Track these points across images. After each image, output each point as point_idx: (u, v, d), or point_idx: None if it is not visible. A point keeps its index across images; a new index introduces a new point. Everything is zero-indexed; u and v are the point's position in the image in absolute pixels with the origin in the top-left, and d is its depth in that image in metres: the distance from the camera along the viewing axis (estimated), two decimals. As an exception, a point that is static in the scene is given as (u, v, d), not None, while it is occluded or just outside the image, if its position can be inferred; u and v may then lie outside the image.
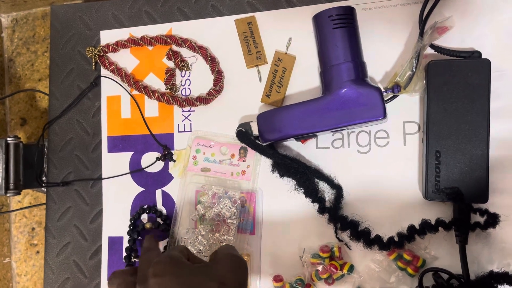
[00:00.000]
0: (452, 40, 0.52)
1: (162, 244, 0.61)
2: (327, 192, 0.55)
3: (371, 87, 0.49)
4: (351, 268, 0.53)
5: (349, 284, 0.53)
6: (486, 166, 0.47)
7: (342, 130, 0.54)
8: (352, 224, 0.52)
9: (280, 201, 0.57)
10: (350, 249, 0.54)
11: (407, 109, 0.53)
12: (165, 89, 0.61)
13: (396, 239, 0.51)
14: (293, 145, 0.57)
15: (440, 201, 0.50)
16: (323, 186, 0.55)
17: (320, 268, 0.54)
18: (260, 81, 0.58)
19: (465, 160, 0.48)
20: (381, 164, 0.54)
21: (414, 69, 0.49)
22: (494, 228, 0.47)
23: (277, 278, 0.55)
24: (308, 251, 0.55)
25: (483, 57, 0.49)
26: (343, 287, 0.54)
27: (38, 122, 0.96)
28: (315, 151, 0.56)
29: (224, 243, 0.56)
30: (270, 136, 0.53)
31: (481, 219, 0.48)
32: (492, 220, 0.47)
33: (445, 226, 0.49)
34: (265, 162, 0.57)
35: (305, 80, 0.56)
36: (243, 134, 0.55)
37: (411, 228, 0.50)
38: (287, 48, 0.57)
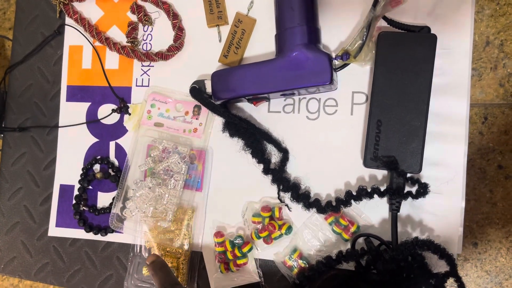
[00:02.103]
0: (406, 16, 0.53)
1: (110, 196, 0.62)
2: (274, 155, 0.56)
3: (321, 52, 0.50)
4: (289, 229, 0.55)
5: (286, 244, 0.55)
6: (423, 138, 0.49)
7: (294, 95, 0.55)
8: (294, 186, 0.54)
9: (228, 160, 0.58)
10: (290, 210, 0.55)
11: (357, 79, 0.54)
12: (126, 42, 0.62)
13: (334, 203, 0.52)
14: (246, 107, 0.58)
15: (377, 169, 0.51)
16: (271, 148, 0.56)
17: (259, 226, 0.55)
18: (220, 41, 0.59)
19: (404, 131, 0.49)
20: (328, 131, 0.55)
21: (364, 39, 0.50)
22: (424, 197, 0.49)
23: (218, 234, 0.57)
24: (250, 210, 0.56)
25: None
26: (281, 246, 0.55)
27: (4, 70, 0.95)
28: (267, 115, 0.57)
29: (169, 196, 0.57)
30: (223, 95, 0.54)
31: (414, 189, 0.50)
32: (423, 189, 0.49)
33: (379, 193, 0.50)
34: (218, 122, 0.58)
35: (263, 43, 0.57)
36: (196, 90, 0.56)
37: (348, 193, 0.52)
38: (249, 10, 0.58)
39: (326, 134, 0.55)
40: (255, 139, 0.55)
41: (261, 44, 0.57)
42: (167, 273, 0.49)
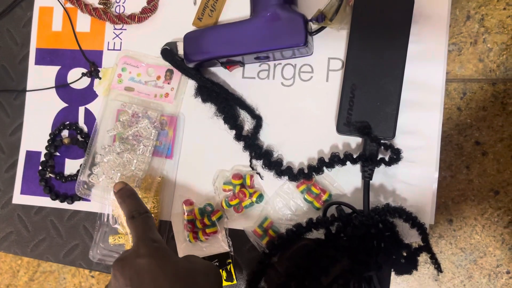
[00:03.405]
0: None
1: (78, 163, 0.60)
2: (248, 122, 0.55)
3: (296, 13, 0.49)
4: (260, 197, 0.53)
5: (257, 212, 0.54)
6: (397, 103, 0.48)
7: (268, 59, 0.54)
8: (266, 153, 0.53)
9: (200, 127, 0.56)
10: (262, 178, 0.54)
11: (333, 45, 0.53)
12: (98, 4, 0.59)
13: (306, 170, 0.51)
14: (220, 73, 0.56)
15: (350, 135, 0.50)
16: (244, 115, 0.55)
17: (230, 194, 0.54)
18: (195, 3, 0.57)
19: (378, 95, 0.48)
20: (303, 98, 0.54)
21: (340, 0, 0.48)
22: (397, 163, 0.48)
23: (187, 202, 0.55)
24: (221, 178, 0.55)
25: (410, -3, 0.49)
26: (251, 215, 0.54)
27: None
28: (241, 80, 0.56)
29: (137, 162, 0.55)
30: (195, 57, 0.52)
31: (387, 157, 0.49)
32: (396, 155, 0.48)
33: (352, 159, 0.49)
34: (190, 88, 0.56)
35: (239, 6, 0.55)
36: (168, 52, 0.54)
37: (320, 160, 0.50)
38: (225, -27, 0.56)
39: (301, 101, 0.54)
40: (228, 105, 0.54)
41: (237, 6, 0.56)
42: (136, 200, 0.46)
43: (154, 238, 0.43)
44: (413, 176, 0.50)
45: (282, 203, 0.53)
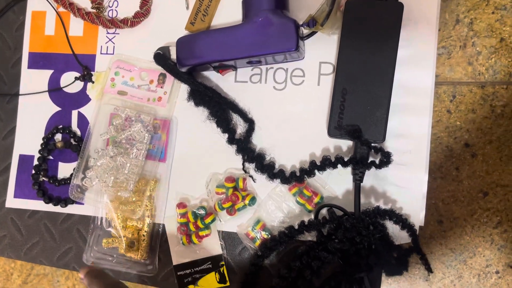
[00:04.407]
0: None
1: (72, 166, 0.60)
2: (240, 125, 0.55)
3: (287, 18, 0.49)
4: (253, 200, 0.54)
5: (249, 215, 0.54)
6: (387, 107, 0.48)
7: (260, 63, 0.54)
8: (259, 157, 0.53)
9: (193, 131, 0.57)
10: (255, 181, 0.54)
11: (324, 49, 0.53)
12: (91, 8, 0.60)
13: (298, 173, 0.52)
14: (213, 77, 0.57)
15: (341, 138, 0.51)
16: (236, 119, 0.55)
17: (223, 197, 0.54)
18: (187, 8, 0.57)
19: (369, 100, 0.49)
20: (295, 102, 0.54)
21: (330, 5, 0.49)
22: (387, 166, 0.49)
23: (181, 205, 0.55)
24: (214, 181, 0.55)
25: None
26: (244, 218, 0.54)
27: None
28: (233, 84, 0.56)
29: (130, 166, 0.55)
30: (187, 61, 0.53)
31: (377, 160, 0.50)
32: (386, 158, 0.48)
33: (343, 162, 0.50)
34: (183, 92, 0.57)
35: (231, 11, 0.56)
36: (160, 56, 0.54)
37: (312, 163, 0.51)
38: (217, -23, 0.57)
39: (292, 105, 0.54)
40: (221, 108, 0.54)
41: (229, 11, 0.56)
42: (105, 277, 0.49)
43: None
44: (403, 178, 0.51)
45: (275, 205, 0.53)
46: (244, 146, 0.53)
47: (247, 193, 0.54)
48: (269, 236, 0.53)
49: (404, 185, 0.51)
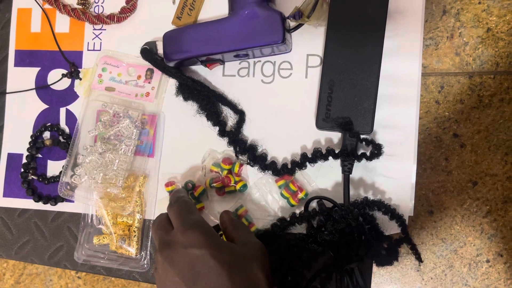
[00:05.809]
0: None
1: (61, 164, 0.60)
2: (230, 118, 0.55)
3: (273, 10, 0.49)
4: (244, 187, 0.53)
5: (235, 200, 0.54)
6: (374, 98, 0.48)
7: (248, 57, 0.54)
8: (251, 148, 0.53)
9: (183, 125, 0.56)
10: (252, 166, 0.53)
11: (311, 42, 0.53)
12: (77, 4, 0.59)
13: (289, 166, 0.52)
14: (201, 71, 0.57)
15: (329, 130, 0.51)
16: (226, 112, 0.55)
17: (215, 176, 0.54)
18: (174, 3, 0.57)
19: (356, 91, 0.49)
20: (283, 95, 0.54)
21: (317, -3, 0.49)
22: (378, 158, 0.49)
23: (168, 184, 0.55)
24: (212, 158, 0.55)
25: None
26: (230, 201, 0.54)
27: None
28: (222, 78, 0.56)
29: (119, 162, 0.55)
30: (174, 56, 0.53)
31: (368, 151, 0.50)
32: (377, 150, 0.48)
33: (334, 154, 0.50)
34: (171, 87, 0.57)
35: (218, 5, 0.56)
36: (147, 51, 0.54)
37: (303, 155, 0.51)
38: (203, -29, 0.56)
39: (281, 98, 0.54)
40: (210, 102, 0.54)
41: (216, 5, 0.56)
42: (174, 193, 0.50)
43: (197, 220, 0.42)
44: (392, 169, 0.51)
45: (259, 193, 0.53)
46: (235, 138, 0.53)
47: (240, 179, 0.54)
48: (249, 223, 0.53)
49: (392, 176, 0.51)
